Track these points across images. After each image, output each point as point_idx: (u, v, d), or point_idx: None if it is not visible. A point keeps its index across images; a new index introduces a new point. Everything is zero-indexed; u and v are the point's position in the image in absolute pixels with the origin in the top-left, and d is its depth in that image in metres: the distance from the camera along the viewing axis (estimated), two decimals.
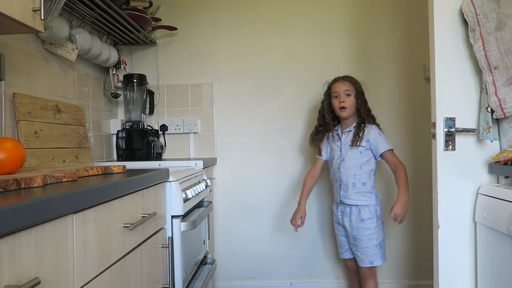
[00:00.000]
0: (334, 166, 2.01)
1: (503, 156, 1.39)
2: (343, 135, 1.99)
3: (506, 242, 1.28)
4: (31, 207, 0.63)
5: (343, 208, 1.98)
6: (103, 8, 1.79)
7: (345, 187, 1.95)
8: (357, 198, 1.94)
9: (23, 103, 1.49)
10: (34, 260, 0.66)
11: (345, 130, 1.99)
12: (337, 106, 1.96)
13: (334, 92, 1.97)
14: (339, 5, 2.39)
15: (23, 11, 1.08)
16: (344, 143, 1.97)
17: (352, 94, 1.95)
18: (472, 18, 1.41)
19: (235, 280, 2.43)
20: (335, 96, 1.96)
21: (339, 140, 2.00)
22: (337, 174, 1.97)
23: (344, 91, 1.94)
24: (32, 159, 1.47)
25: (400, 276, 2.38)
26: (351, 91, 1.95)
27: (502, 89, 1.39)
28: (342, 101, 1.93)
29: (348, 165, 1.95)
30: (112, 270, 0.96)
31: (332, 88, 1.99)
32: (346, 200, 1.96)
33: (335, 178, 2.00)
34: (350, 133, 1.97)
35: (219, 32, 2.43)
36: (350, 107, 1.94)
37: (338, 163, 1.97)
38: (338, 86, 1.97)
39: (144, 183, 1.17)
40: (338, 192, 1.98)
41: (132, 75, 2.26)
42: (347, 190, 1.94)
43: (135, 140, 2.21)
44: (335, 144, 2.02)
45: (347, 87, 1.95)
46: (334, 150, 2.01)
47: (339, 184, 1.97)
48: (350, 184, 1.94)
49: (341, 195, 1.96)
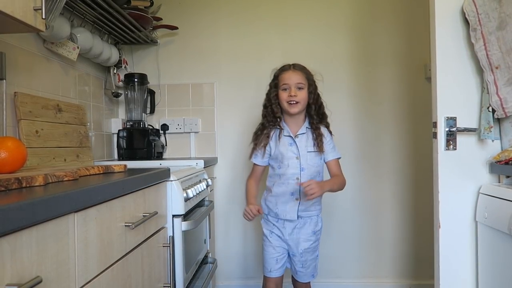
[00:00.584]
0: (289, 177, 1.65)
1: (504, 156, 1.39)
2: (296, 138, 1.67)
3: (507, 242, 1.28)
4: (33, 206, 0.63)
5: (294, 224, 1.69)
6: (104, 8, 1.79)
7: (304, 200, 1.64)
8: (315, 209, 1.71)
9: (24, 102, 1.49)
10: (35, 259, 0.66)
11: (298, 133, 1.67)
12: (285, 100, 1.63)
13: (284, 84, 1.64)
14: (340, 5, 2.39)
15: (25, 10, 1.08)
16: (301, 148, 1.66)
17: (305, 88, 1.64)
18: (474, 18, 1.41)
19: (235, 280, 2.43)
20: (284, 88, 1.64)
21: (293, 145, 1.67)
22: (294, 186, 1.64)
23: (296, 84, 1.63)
24: (33, 158, 1.47)
25: (401, 276, 2.38)
26: (304, 84, 1.64)
27: (504, 89, 1.39)
28: (293, 95, 1.61)
29: (309, 175, 1.65)
30: (114, 269, 0.96)
31: (281, 79, 1.66)
32: (305, 214, 1.68)
33: (290, 191, 1.66)
34: (304, 136, 1.67)
35: (220, 31, 2.43)
36: (302, 101, 1.63)
37: (296, 173, 1.65)
38: (288, 76, 1.64)
39: (145, 183, 1.17)
40: (293, 208, 1.66)
41: (133, 75, 2.26)
42: (307, 203, 1.65)
43: (136, 140, 2.21)
44: (286, 149, 1.66)
45: (299, 79, 1.64)
46: (287, 157, 1.66)
47: (295, 197, 1.65)
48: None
49: (299, 210, 1.67)
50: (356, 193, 2.37)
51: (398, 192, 2.38)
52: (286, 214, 1.67)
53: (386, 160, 2.38)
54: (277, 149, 1.68)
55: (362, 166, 2.38)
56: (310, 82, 1.66)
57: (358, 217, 2.39)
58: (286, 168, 1.66)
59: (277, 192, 1.68)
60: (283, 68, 1.68)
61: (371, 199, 2.38)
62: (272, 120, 1.69)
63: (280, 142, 1.67)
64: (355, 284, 2.37)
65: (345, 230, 2.38)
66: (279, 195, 1.68)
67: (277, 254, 1.71)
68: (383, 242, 2.38)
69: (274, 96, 1.68)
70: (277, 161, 1.69)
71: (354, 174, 2.35)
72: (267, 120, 1.71)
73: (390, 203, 2.38)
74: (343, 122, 2.34)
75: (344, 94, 2.38)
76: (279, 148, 1.67)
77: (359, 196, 2.38)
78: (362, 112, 2.38)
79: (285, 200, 1.67)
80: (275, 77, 1.70)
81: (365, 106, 2.38)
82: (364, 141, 2.39)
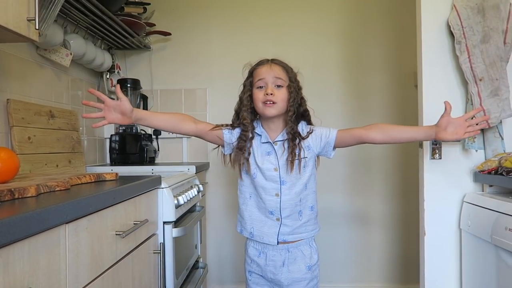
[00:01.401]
0: (267, 192, 1.33)
1: (487, 166, 1.43)
2: (274, 145, 1.34)
3: (489, 250, 1.32)
4: (25, 219, 0.65)
5: (275, 253, 1.34)
6: (98, 15, 1.81)
7: (288, 220, 1.33)
8: (305, 230, 1.35)
9: (17, 109, 1.51)
10: (27, 270, 0.68)
11: (277, 139, 1.34)
12: (260, 99, 1.30)
13: (259, 79, 1.31)
14: (331, 13, 2.42)
15: (18, 21, 1.10)
16: (280, 158, 1.33)
17: (285, 85, 1.31)
18: (458, 31, 1.45)
19: (226, 284, 2.45)
20: (260, 86, 1.32)
21: (272, 153, 1.34)
22: (274, 203, 1.32)
23: (274, 80, 1.30)
24: (25, 164, 1.48)
25: (389, 280, 2.42)
26: (284, 81, 1.31)
27: (487, 100, 1.43)
28: (269, 93, 1.28)
29: (292, 189, 1.32)
30: (104, 277, 0.98)
31: (256, 75, 1.33)
32: (290, 238, 1.33)
33: (269, 210, 1.33)
34: (283, 143, 1.34)
35: (212, 37, 2.46)
36: (281, 102, 1.30)
37: (275, 188, 1.32)
38: (264, 71, 1.32)
39: (136, 191, 1.19)
40: (272, 229, 1.33)
41: (126, 80, 2.28)
42: (291, 224, 1.33)
43: (128, 144, 2.23)
44: (264, 158, 1.34)
45: (278, 74, 1.31)
46: (262, 168, 1.33)
47: (276, 218, 1.33)
48: (295, 214, 1.33)
49: (281, 233, 1.32)
50: (346, 199, 2.41)
51: (386, 198, 2.42)
52: (263, 236, 1.34)
53: (375, 167, 2.41)
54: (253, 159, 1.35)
55: (351, 173, 2.42)
56: (292, 80, 1.33)
57: (348, 223, 2.42)
58: (264, 181, 1.33)
59: (252, 208, 1.37)
60: (260, 63, 1.36)
61: (360, 205, 2.42)
62: (248, 125, 1.35)
63: (257, 151, 1.35)
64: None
65: (335, 235, 2.41)
66: (255, 212, 1.36)
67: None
68: (372, 247, 2.42)
69: (247, 97, 1.35)
70: (254, 173, 1.34)
71: (344, 180, 2.38)
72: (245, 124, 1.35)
73: (379, 209, 2.42)
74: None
75: (333, 101, 2.41)
76: (254, 157, 1.34)
77: (348, 202, 2.42)
78: (351, 118, 2.41)
79: (263, 220, 1.35)
80: (249, 73, 1.37)
81: (354, 113, 2.42)
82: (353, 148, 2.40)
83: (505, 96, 1.43)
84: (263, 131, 1.36)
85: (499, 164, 1.38)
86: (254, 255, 1.38)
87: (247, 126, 1.34)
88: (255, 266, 1.38)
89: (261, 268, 1.37)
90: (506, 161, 1.35)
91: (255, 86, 1.34)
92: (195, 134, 1.42)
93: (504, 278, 1.25)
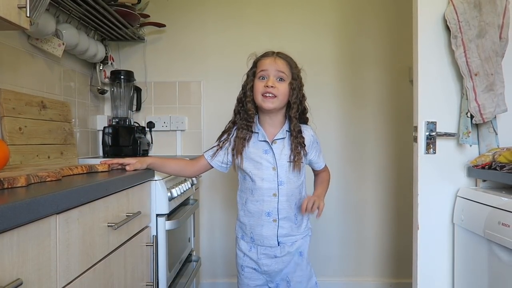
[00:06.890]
0: (264, 192, 1.33)
1: (481, 161, 1.44)
2: (273, 144, 1.34)
3: (481, 244, 1.33)
4: (14, 209, 0.64)
5: (274, 252, 1.36)
6: (91, 4, 1.78)
7: (285, 222, 1.34)
8: (303, 232, 1.40)
9: (8, 99, 1.48)
10: (16, 261, 0.67)
11: (276, 137, 1.35)
12: (260, 91, 1.30)
13: (261, 70, 1.32)
14: (326, 8, 2.41)
15: (8, 8, 1.07)
16: (278, 157, 1.33)
17: (287, 80, 1.32)
18: (455, 25, 1.45)
19: (219, 278, 2.45)
20: (261, 77, 1.32)
21: (269, 152, 1.34)
22: (271, 204, 1.32)
23: (276, 73, 1.31)
24: (16, 155, 1.46)
25: (382, 274, 2.43)
26: (286, 75, 1.32)
27: (482, 95, 1.43)
28: (270, 86, 1.29)
29: (289, 190, 1.33)
30: (96, 269, 0.97)
31: (259, 65, 1.34)
32: (288, 239, 1.36)
33: (265, 211, 1.33)
34: (283, 141, 1.35)
35: (207, 30, 2.43)
36: (281, 96, 1.30)
37: (273, 188, 1.32)
38: (268, 63, 1.32)
39: (129, 183, 1.18)
40: (270, 231, 1.34)
41: (120, 71, 2.25)
42: (288, 226, 1.35)
43: (121, 137, 2.20)
44: (261, 157, 1.33)
45: (281, 68, 1.31)
46: (260, 166, 1.33)
47: (273, 219, 1.33)
48: (291, 216, 1.35)
49: (280, 235, 1.34)
50: (340, 194, 2.41)
51: (380, 193, 2.42)
52: (264, 240, 1.35)
53: (369, 161, 2.42)
54: (247, 156, 1.34)
55: (345, 167, 2.41)
56: (294, 76, 1.34)
57: (341, 217, 2.43)
58: (261, 182, 1.32)
59: (250, 211, 1.36)
60: (264, 54, 1.37)
61: (354, 200, 2.43)
62: (245, 118, 1.36)
63: (253, 147, 1.35)
64: (337, 282, 2.41)
65: (328, 229, 2.41)
66: (253, 215, 1.36)
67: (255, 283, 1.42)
68: (365, 242, 2.43)
69: (251, 88, 1.35)
70: (249, 172, 1.34)
71: (338, 175, 2.38)
72: (239, 117, 1.38)
73: (373, 204, 2.43)
74: (327, 124, 2.38)
75: (328, 96, 2.40)
76: (250, 154, 1.34)
77: (342, 196, 2.42)
78: (346, 114, 2.41)
79: (260, 222, 1.34)
80: (254, 64, 1.38)
81: (350, 108, 2.41)
82: (348, 142, 2.42)
83: (500, 91, 1.43)
84: (260, 129, 1.36)
85: (493, 159, 1.38)
86: (246, 249, 1.40)
87: (252, 117, 1.35)
88: (248, 259, 1.40)
89: (255, 261, 1.39)
90: (500, 156, 1.35)
91: (257, 76, 1.34)
92: (198, 174, 1.59)
93: (496, 272, 1.26)
